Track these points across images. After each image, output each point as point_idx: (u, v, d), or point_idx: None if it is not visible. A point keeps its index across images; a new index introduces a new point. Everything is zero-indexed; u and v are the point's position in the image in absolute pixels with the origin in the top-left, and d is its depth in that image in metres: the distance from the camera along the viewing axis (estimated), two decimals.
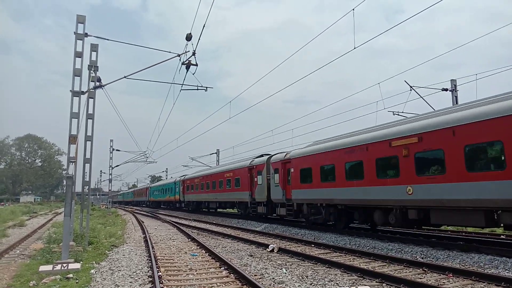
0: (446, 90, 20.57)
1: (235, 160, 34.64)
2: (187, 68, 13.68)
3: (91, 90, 13.57)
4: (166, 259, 10.94)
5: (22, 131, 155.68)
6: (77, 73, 11.84)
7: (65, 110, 11.73)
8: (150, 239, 14.81)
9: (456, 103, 20.32)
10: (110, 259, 10.92)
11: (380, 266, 9.78)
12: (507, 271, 8.76)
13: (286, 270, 9.21)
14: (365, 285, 7.55)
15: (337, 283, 7.88)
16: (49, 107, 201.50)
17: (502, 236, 15.14)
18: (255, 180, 24.46)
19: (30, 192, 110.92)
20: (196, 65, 13.58)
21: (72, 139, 11.38)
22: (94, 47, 13.67)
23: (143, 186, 77.30)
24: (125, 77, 14.27)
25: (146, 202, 68.39)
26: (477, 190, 10.37)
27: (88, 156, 13.59)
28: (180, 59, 13.61)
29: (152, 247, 12.74)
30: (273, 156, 22.65)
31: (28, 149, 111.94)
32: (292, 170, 19.58)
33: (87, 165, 13.62)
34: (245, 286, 7.73)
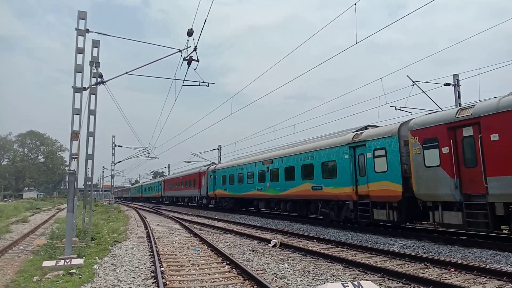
0: (448, 85, 20.45)
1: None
2: (189, 63, 13.64)
3: (93, 86, 13.57)
4: (168, 255, 10.98)
5: (25, 128, 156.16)
6: (78, 69, 11.83)
7: (67, 106, 11.66)
8: (152, 235, 14.86)
9: (459, 98, 20.24)
10: (112, 254, 10.97)
11: (382, 261, 9.80)
12: (509, 265, 8.76)
13: (288, 265, 9.23)
14: (367, 280, 7.56)
15: (338, 278, 7.89)
16: (51, 104, 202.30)
17: (504, 231, 15.12)
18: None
19: (33, 188, 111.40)
20: (198, 60, 13.54)
21: (74, 135, 11.39)
22: (95, 43, 13.66)
23: (191, 170, 41.61)
24: (126, 73, 14.25)
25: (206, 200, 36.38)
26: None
27: (90, 152, 13.62)
28: (181, 55, 13.59)
29: (155, 243, 12.79)
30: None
31: (31, 146, 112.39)
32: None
33: (89, 161, 13.65)
34: (247, 281, 7.75)
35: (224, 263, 9.62)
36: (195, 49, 13.16)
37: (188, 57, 13.44)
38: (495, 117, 10.26)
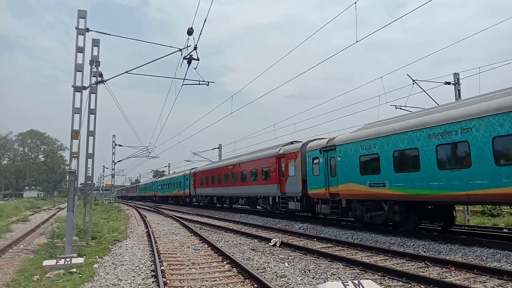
0: (448, 83, 20.45)
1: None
2: (189, 62, 13.65)
3: (93, 85, 13.56)
4: (169, 254, 10.99)
5: (25, 127, 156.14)
6: (78, 68, 11.82)
7: (68, 106, 11.70)
8: (153, 234, 14.87)
9: (459, 97, 20.22)
10: (113, 253, 10.98)
11: (382, 260, 9.79)
12: (509, 264, 8.75)
13: (288, 264, 9.24)
14: (367, 278, 7.55)
15: (339, 277, 7.89)
16: (51, 103, 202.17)
17: (504, 230, 15.14)
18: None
19: (33, 187, 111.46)
20: (198, 59, 13.54)
21: (75, 134, 11.39)
22: (95, 42, 13.63)
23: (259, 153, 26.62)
24: (126, 72, 14.26)
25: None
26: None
27: (90, 151, 13.61)
28: (181, 54, 13.59)
29: (155, 242, 12.79)
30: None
31: (31, 145, 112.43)
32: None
33: (90, 160, 13.64)
34: (247, 280, 7.75)
35: (224, 262, 9.62)
36: (195, 48, 13.16)
37: (188, 56, 13.44)
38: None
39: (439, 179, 11.74)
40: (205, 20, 11.74)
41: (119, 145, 43.77)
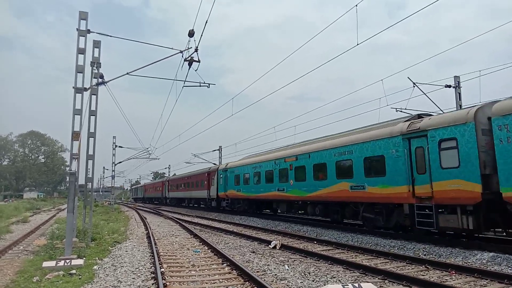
0: (449, 86, 20.45)
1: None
2: (190, 64, 13.65)
3: (94, 86, 13.57)
4: (168, 256, 10.97)
5: (25, 127, 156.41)
6: (79, 69, 11.84)
7: (68, 106, 11.73)
8: (152, 236, 14.85)
9: (460, 99, 20.23)
10: (113, 255, 10.96)
11: (383, 263, 9.78)
12: (510, 268, 8.73)
13: (288, 267, 9.22)
14: (368, 281, 7.55)
15: (339, 280, 7.88)
16: (52, 104, 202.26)
17: (504, 234, 15.08)
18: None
19: (34, 188, 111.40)
20: (199, 61, 13.54)
21: (75, 135, 11.40)
22: (96, 44, 13.67)
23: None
24: (127, 73, 14.27)
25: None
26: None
27: (91, 152, 13.61)
28: (182, 56, 13.60)
29: (155, 244, 12.78)
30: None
31: (31, 146, 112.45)
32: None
33: (90, 162, 13.64)
34: (247, 282, 7.74)
35: (224, 264, 9.61)
36: (196, 50, 13.17)
37: (189, 58, 13.45)
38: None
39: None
40: (206, 22, 11.75)
41: (120, 147, 43.79)
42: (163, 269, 8.78)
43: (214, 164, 44.45)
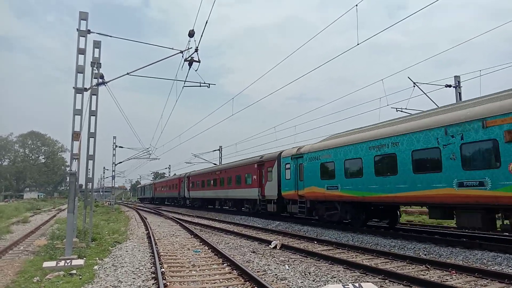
0: (449, 86, 20.48)
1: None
2: (190, 64, 13.65)
3: (94, 87, 13.57)
4: (169, 256, 10.97)
5: (26, 128, 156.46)
6: (80, 70, 11.84)
7: (68, 106, 11.73)
8: (153, 236, 14.85)
9: (460, 99, 20.21)
10: (113, 255, 10.96)
11: (383, 262, 9.78)
12: (510, 268, 8.73)
13: (288, 267, 9.22)
14: (368, 281, 7.54)
15: (339, 280, 7.88)
16: (52, 104, 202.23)
17: (505, 233, 15.09)
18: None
19: (34, 188, 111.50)
20: (199, 61, 13.55)
21: (75, 136, 11.39)
22: (96, 44, 13.67)
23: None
24: (127, 73, 14.27)
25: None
26: None
27: (91, 153, 13.61)
28: (182, 56, 13.60)
29: (155, 244, 12.78)
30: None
31: (32, 146, 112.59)
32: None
33: (90, 162, 13.64)
34: (248, 282, 7.73)
35: (224, 264, 9.61)
36: (196, 50, 13.17)
37: (190, 58, 13.45)
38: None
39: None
40: (206, 23, 11.76)
41: (120, 147, 43.82)
42: (163, 269, 8.78)
43: (215, 164, 44.24)
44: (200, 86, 15.68)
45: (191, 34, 12.49)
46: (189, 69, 13.88)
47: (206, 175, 37.31)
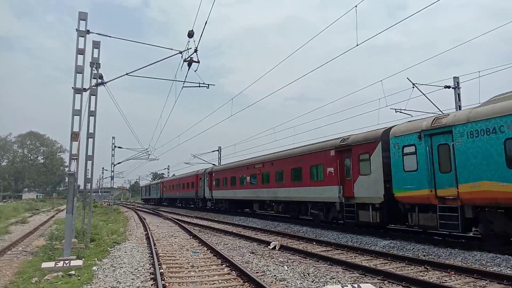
0: (448, 87, 20.49)
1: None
2: (189, 65, 13.66)
3: (93, 87, 13.56)
4: (168, 256, 10.96)
5: (25, 128, 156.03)
6: (79, 70, 11.83)
7: (68, 107, 11.70)
8: (152, 236, 14.83)
9: (459, 100, 20.26)
10: (112, 256, 10.95)
11: (382, 263, 9.78)
12: (509, 269, 8.74)
13: (287, 268, 9.21)
14: (367, 282, 7.54)
15: (338, 281, 7.87)
16: (51, 104, 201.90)
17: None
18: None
19: (33, 189, 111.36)
20: (198, 62, 13.55)
21: (74, 136, 11.38)
22: (96, 44, 13.66)
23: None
24: (127, 74, 14.27)
25: None
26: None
27: (90, 153, 13.60)
28: (182, 56, 13.60)
29: (154, 244, 12.76)
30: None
31: (31, 146, 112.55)
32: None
33: (89, 162, 13.63)
34: (246, 283, 7.73)
35: (223, 265, 9.60)
36: (195, 51, 13.17)
37: (189, 58, 13.45)
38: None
39: None
40: (205, 23, 11.76)
41: (119, 147, 43.79)
42: (162, 270, 8.77)
43: (214, 164, 43.79)
44: (199, 86, 15.68)
45: (191, 34, 12.50)
46: (188, 70, 13.90)
47: (238, 170, 28.52)
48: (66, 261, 9.15)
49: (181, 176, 48.22)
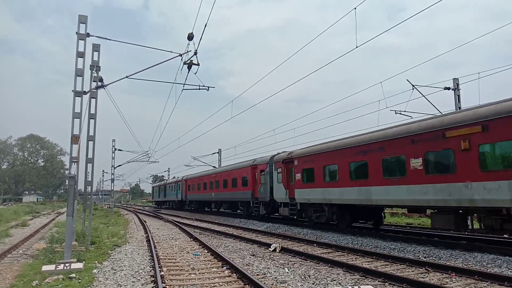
0: (448, 89, 20.51)
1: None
2: (189, 67, 13.66)
3: (93, 90, 13.58)
4: (168, 259, 10.95)
5: (25, 131, 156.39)
6: (79, 73, 11.85)
7: (68, 110, 11.72)
8: (152, 239, 14.82)
9: (459, 102, 20.27)
10: (112, 258, 10.94)
11: (383, 265, 9.76)
12: (510, 270, 8.72)
13: (288, 270, 9.20)
14: (368, 284, 7.53)
15: (339, 283, 7.86)
16: (51, 107, 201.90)
17: (505, 235, 15.08)
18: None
19: (33, 192, 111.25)
20: (198, 64, 13.56)
21: (74, 139, 11.39)
22: (96, 47, 13.68)
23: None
24: (127, 77, 14.26)
25: None
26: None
27: (90, 156, 13.61)
28: (181, 59, 13.60)
29: (155, 247, 12.75)
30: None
31: (31, 149, 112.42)
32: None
33: (89, 165, 13.63)
34: (247, 285, 7.72)
35: (224, 268, 9.59)
36: (195, 53, 13.18)
37: (189, 61, 13.46)
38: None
39: None
40: (205, 25, 11.77)
41: (119, 150, 43.77)
42: (162, 273, 8.77)
43: (214, 167, 43.69)
44: (199, 89, 15.67)
45: (190, 37, 12.51)
46: (188, 72, 13.89)
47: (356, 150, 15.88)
48: (67, 264, 9.14)
49: (221, 170, 34.61)
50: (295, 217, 20.81)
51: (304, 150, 19.87)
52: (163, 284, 7.54)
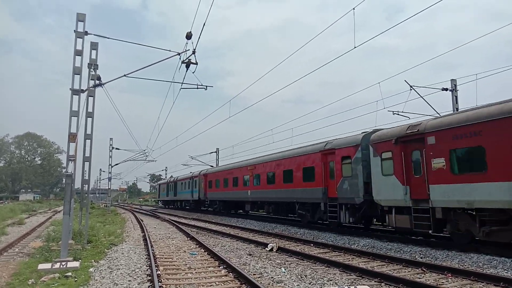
0: (446, 90, 20.56)
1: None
2: (187, 66, 13.66)
3: (91, 88, 13.55)
4: (165, 258, 10.94)
5: (22, 129, 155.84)
6: (77, 71, 11.82)
7: (66, 109, 11.72)
8: (149, 238, 14.81)
9: (456, 103, 20.33)
10: (109, 257, 10.92)
11: (379, 265, 9.78)
12: (506, 271, 8.76)
13: (285, 269, 9.21)
14: (364, 284, 7.55)
15: (336, 283, 7.88)
16: (51, 107, 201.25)
17: None
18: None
19: (30, 190, 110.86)
20: (196, 63, 13.55)
21: (72, 137, 11.37)
22: (94, 46, 13.65)
23: None
24: (125, 75, 14.24)
25: None
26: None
27: (87, 154, 13.58)
28: (180, 58, 13.60)
29: (151, 246, 12.74)
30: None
31: (28, 147, 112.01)
32: None
33: (87, 164, 13.61)
34: (244, 285, 7.72)
35: (220, 267, 9.58)
36: (193, 52, 13.18)
37: (187, 60, 13.45)
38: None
39: None
40: (204, 25, 11.78)
41: (117, 149, 43.69)
42: (159, 272, 8.76)
43: (211, 166, 43.67)
44: (197, 88, 15.66)
45: (189, 36, 12.51)
46: (186, 71, 13.89)
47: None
48: (63, 263, 9.12)
49: (262, 160, 25.06)
50: (429, 231, 12.45)
51: (457, 116, 11.84)
52: (159, 283, 7.54)
